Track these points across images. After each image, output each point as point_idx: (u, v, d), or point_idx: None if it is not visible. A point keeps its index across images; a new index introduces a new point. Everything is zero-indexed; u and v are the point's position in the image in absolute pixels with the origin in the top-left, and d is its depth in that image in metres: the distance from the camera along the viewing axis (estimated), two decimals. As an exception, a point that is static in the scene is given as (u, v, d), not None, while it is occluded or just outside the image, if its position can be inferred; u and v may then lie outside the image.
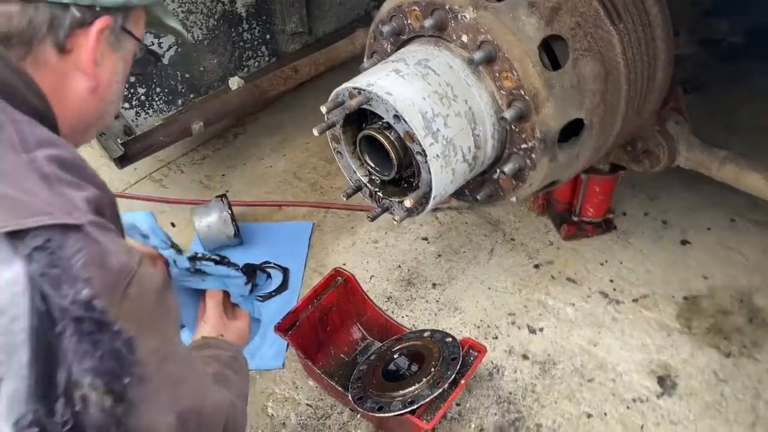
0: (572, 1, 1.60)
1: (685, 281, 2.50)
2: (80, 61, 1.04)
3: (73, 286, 0.79)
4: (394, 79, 1.58)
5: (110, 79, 1.11)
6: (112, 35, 1.07)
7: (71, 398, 0.79)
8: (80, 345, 0.80)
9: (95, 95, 1.09)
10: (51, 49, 1.00)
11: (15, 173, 0.83)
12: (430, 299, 2.45)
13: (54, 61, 1.02)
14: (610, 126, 1.75)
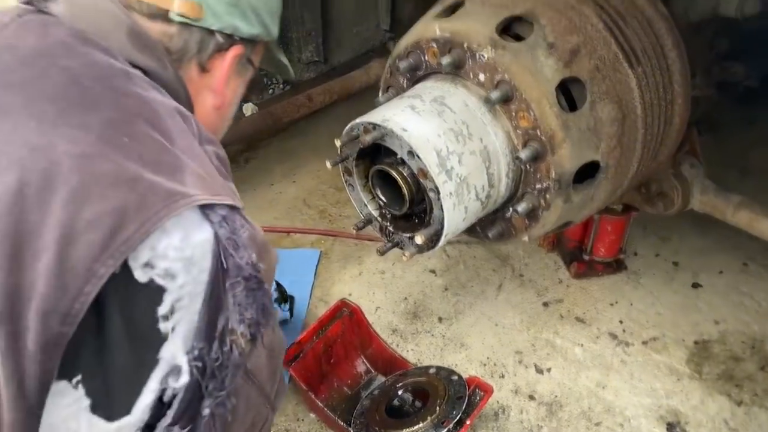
0: (591, 43, 1.60)
1: (695, 325, 2.46)
2: (213, 80, 1.23)
3: (246, 250, 0.97)
4: (409, 116, 1.57)
5: (231, 100, 1.32)
6: (240, 62, 1.26)
7: (224, 341, 0.97)
8: (246, 298, 0.98)
9: (218, 112, 1.29)
10: (195, 67, 1.20)
11: (203, 158, 1.02)
12: (436, 334, 2.42)
13: (195, 77, 1.20)
14: (626, 169, 1.73)
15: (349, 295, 2.54)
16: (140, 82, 1.04)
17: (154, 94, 1.04)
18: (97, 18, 1.08)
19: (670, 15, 1.78)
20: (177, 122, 1.02)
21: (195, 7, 1.14)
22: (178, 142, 0.99)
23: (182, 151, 0.98)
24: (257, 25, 1.25)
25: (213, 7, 1.16)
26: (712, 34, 2.21)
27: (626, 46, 1.65)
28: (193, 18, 1.14)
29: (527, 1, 1.63)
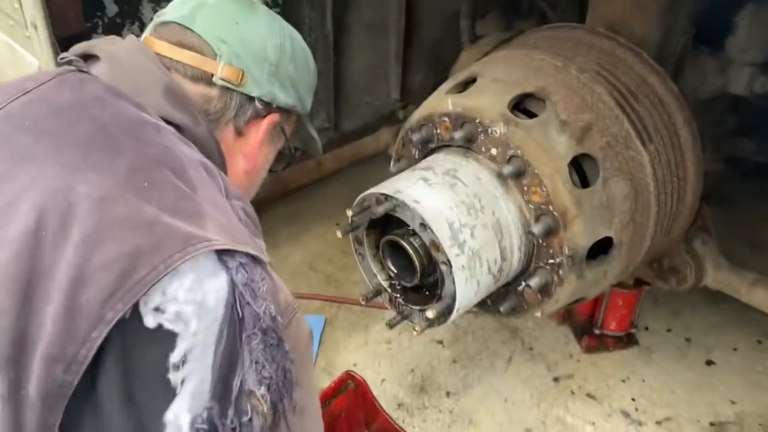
0: (603, 121, 1.61)
1: (711, 405, 2.39)
2: (247, 145, 1.26)
3: (265, 301, 0.93)
4: (422, 188, 1.57)
5: (262, 166, 1.33)
6: (274, 130, 1.29)
7: (241, 405, 0.89)
8: (264, 354, 0.92)
9: (248, 177, 1.30)
10: (232, 129, 1.22)
11: (226, 209, 1.01)
12: (444, 409, 2.34)
13: (231, 140, 1.23)
14: (639, 245, 1.71)
15: (354, 365, 2.48)
16: (169, 135, 1.05)
17: (182, 147, 1.05)
18: (134, 76, 1.11)
19: (680, 93, 1.79)
20: (201, 174, 1.02)
21: (238, 74, 1.18)
22: (201, 191, 0.99)
23: (205, 200, 0.97)
24: (293, 97, 1.29)
25: (254, 74, 1.20)
26: (721, 111, 2.23)
27: (638, 123, 1.66)
28: (234, 83, 1.18)
29: (539, 79, 1.65)
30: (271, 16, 1.28)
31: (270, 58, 1.22)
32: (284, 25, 1.30)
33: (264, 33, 1.23)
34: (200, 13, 1.19)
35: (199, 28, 1.17)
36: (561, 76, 1.66)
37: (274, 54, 1.23)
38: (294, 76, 1.28)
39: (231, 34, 1.18)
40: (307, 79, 1.33)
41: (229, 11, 1.21)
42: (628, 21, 1.91)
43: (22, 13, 1.96)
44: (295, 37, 1.31)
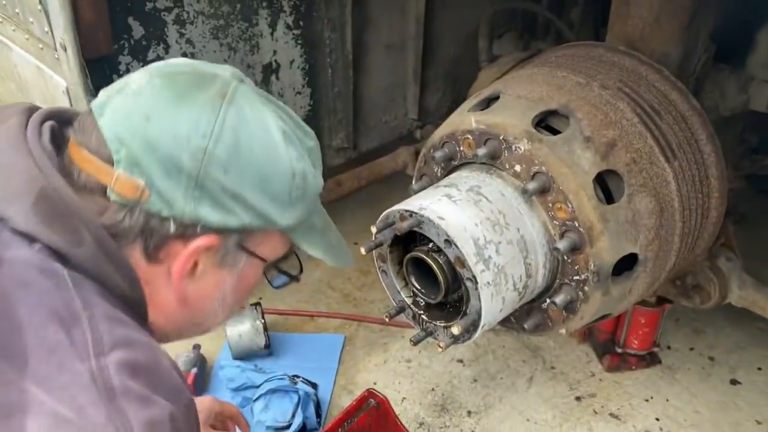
0: (627, 137, 1.62)
1: (736, 425, 2.35)
2: (172, 273, 0.96)
3: None
4: (446, 204, 1.58)
5: (210, 294, 1.02)
6: (218, 254, 0.97)
7: None
8: None
9: (185, 307, 1.02)
10: (140, 254, 0.94)
11: (74, 386, 0.77)
12: (465, 428, 2.32)
13: (143, 266, 0.95)
14: (664, 262, 1.71)
15: (374, 384, 2.47)
16: (20, 272, 0.83)
17: (29, 294, 0.82)
18: (7, 174, 0.89)
19: (702, 109, 1.80)
20: (49, 334, 0.80)
21: (136, 187, 0.89)
22: (37, 366, 0.77)
23: (39, 379, 0.76)
24: (245, 215, 0.94)
25: (162, 188, 0.89)
26: (742, 128, 2.23)
27: (662, 140, 1.66)
28: (131, 200, 0.90)
29: (563, 96, 1.66)
30: (212, 103, 0.91)
31: (186, 166, 0.89)
32: (236, 111, 0.92)
33: (185, 132, 0.89)
34: (114, 101, 0.92)
35: (105, 122, 0.91)
36: (584, 92, 1.67)
37: (192, 161, 0.89)
38: (240, 189, 0.92)
39: (135, 133, 0.89)
40: (267, 187, 0.95)
41: (146, 101, 0.91)
42: (647, 38, 1.92)
43: (52, 35, 2.00)
44: (251, 129, 0.93)
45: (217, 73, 0.97)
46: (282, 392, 2.27)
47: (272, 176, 0.95)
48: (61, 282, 0.85)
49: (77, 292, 0.85)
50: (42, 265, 0.85)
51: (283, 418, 2.20)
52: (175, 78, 0.95)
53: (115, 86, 0.95)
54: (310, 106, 2.80)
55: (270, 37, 2.53)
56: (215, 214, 0.92)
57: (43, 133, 0.95)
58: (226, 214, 0.93)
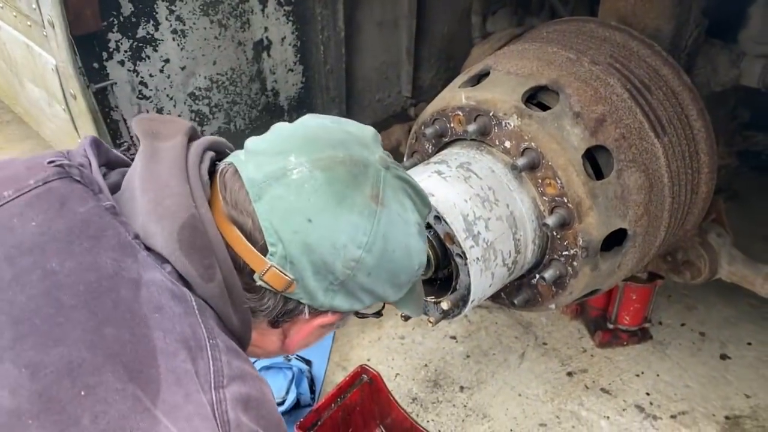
0: (617, 113, 1.61)
1: (726, 399, 2.38)
2: (288, 335, 1.05)
3: None
4: (436, 181, 1.58)
5: (303, 343, 1.09)
6: (328, 327, 1.06)
7: None
8: None
9: (284, 352, 1.11)
10: (265, 323, 1.01)
11: (197, 417, 0.80)
12: (458, 403, 2.35)
13: (263, 327, 1.02)
14: (653, 237, 1.71)
15: (368, 360, 2.50)
16: (156, 295, 0.85)
17: (163, 319, 0.84)
18: (159, 192, 0.90)
19: (693, 85, 1.80)
20: (178, 363, 0.82)
21: (284, 283, 0.92)
22: (167, 395, 0.79)
23: (168, 408, 0.79)
24: (368, 301, 1.01)
25: (309, 286, 0.94)
26: (734, 103, 2.23)
27: (652, 115, 1.66)
28: (278, 291, 0.94)
29: (553, 72, 1.66)
30: (367, 212, 0.93)
31: (337, 272, 0.93)
32: (386, 219, 0.94)
33: (343, 239, 0.91)
34: (274, 190, 0.90)
35: (263, 210, 0.90)
36: (574, 68, 1.67)
37: (344, 269, 0.93)
38: (372, 286, 0.98)
39: (295, 234, 0.90)
40: (395, 279, 1.01)
41: (309, 199, 0.90)
42: (639, 13, 1.91)
43: (40, 12, 1.98)
44: (395, 233, 0.96)
45: (368, 160, 0.97)
46: (276, 369, 2.29)
47: (402, 272, 1.02)
48: (189, 308, 0.87)
49: (202, 320, 0.87)
50: (173, 289, 0.86)
51: (278, 394, 2.22)
52: (334, 172, 0.93)
53: (274, 166, 0.92)
54: (302, 83, 2.78)
55: (261, 14, 2.50)
56: (346, 303, 0.98)
57: (203, 161, 0.96)
58: (354, 302, 0.99)
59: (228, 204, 0.93)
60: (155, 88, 2.30)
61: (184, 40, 2.30)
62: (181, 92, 2.38)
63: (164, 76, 2.30)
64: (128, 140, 2.27)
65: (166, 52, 2.26)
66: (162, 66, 2.28)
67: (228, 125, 2.61)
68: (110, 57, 2.11)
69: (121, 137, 2.25)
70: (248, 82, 2.58)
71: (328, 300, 0.96)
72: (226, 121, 2.59)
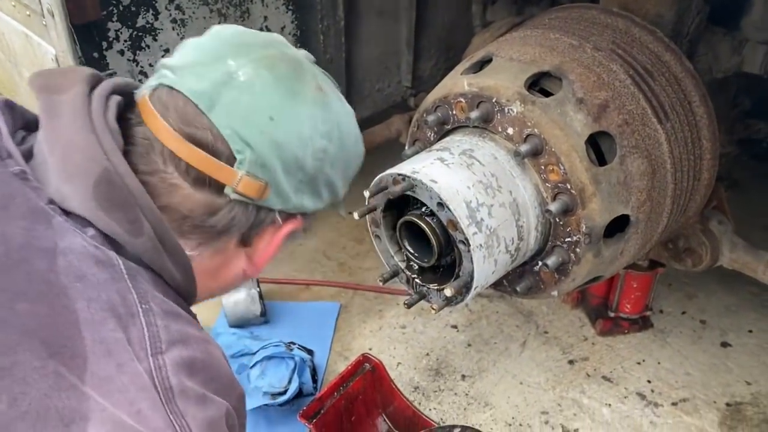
0: (620, 99, 1.61)
1: (726, 386, 2.39)
2: (256, 253, 1.00)
3: None
4: (438, 168, 1.58)
5: (269, 258, 1.05)
6: (293, 234, 1.02)
7: None
8: None
9: (243, 276, 1.05)
10: (235, 240, 0.96)
11: (133, 388, 0.76)
12: (459, 392, 2.36)
13: (231, 249, 0.97)
14: (656, 223, 1.72)
15: (370, 349, 2.50)
16: (75, 263, 0.79)
17: (86, 287, 0.78)
18: (66, 152, 0.84)
19: (695, 71, 1.79)
20: (106, 332, 0.77)
21: (259, 188, 0.89)
22: (96, 367, 0.74)
23: (98, 382, 0.74)
24: (327, 198, 1.00)
25: (281, 187, 0.92)
26: (735, 91, 2.22)
27: (654, 101, 1.66)
28: (253, 198, 0.91)
29: (555, 58, 1.65)
30: (318, 100, 0.93)
31: (308, 166, 0.93)
32: (334, 106, 0.96)
33: (307, 132, 0.91)
34: (225, 95, 0.87)
35: (219, 119, 0.87)
36: (577, 54, 1.67)
37: (314, 161, 0.93)
38: (334, 179, 0.98)
39: (262, 134, 0.88)
40: (348, 172, 1.02)
41: (265, 97, 0.89)
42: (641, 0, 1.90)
43: (39, 1, 1.97)
44: (344, 123, 0.97)
45: (297, 56, 0.97)
46: (278, 359, 2.29)
47: (353, 161, 1.02)
48: (116, 273, 0.81)
49: (133, 284, 0.82)
50: (97, 255, 0.81)
51: (280, 384, 2.23)
52: (278, 69, 0.92)
53: (215, 74, 0.88)
54: (302, 73, 2.77)
55: (260, 3, 2.49)
56: (312, 202, 0.97)
57: (109, 108, 0.89)
58: (318, 200, 0.98)
59: (177, 124, 0.87)
60: (155, 78, 2.29)
61: (184, 29, 2.29)
62: (181, 82, 2.37)
63: (164, 66, 2.29)
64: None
65: (165, 42, 2.25)
66: (162, 55, 2.27)
67: (228, 115, 2.60)
68: (110, 46, 2.10)
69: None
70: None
71: (299, 200, 0.95)
72: (226, 111, 2.58)
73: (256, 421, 2.21)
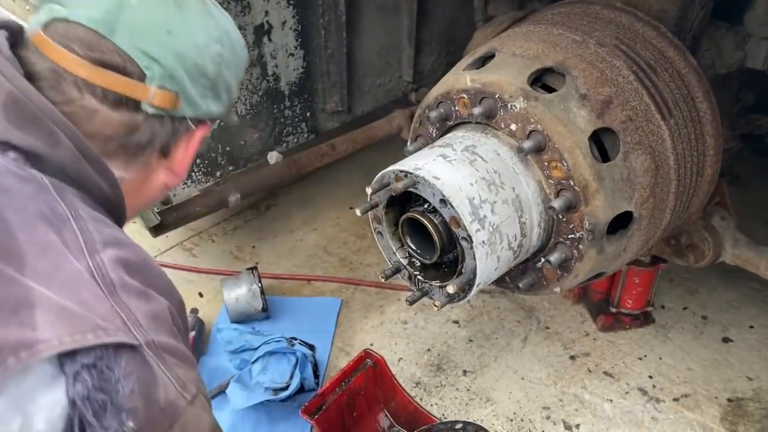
0: (623, 95, 1.60)
1: (728, 381, 2.39)
2: (174, 163, 1.08)
3: (117, 416, 0.73)
4: (441, 164, 1.57)
5: (187, 165, 1.13)
6: (204, 140, 1.12)
7: None
8: None
9: (168, 188, 1.14)
10: (156, 153, 1.04)
11: (74, 282, 0.77)
12: (461, 387, 2.36)
13: (153, 162, 1.05)
14: (659, 220, 1.71)
15: (371, 345, 2.50)
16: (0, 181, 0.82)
17: (12, 198, 0.80)
18: None
19: (699, 67, 1.78)
20: (39, 235, 0.79)
21: (172, 98, 0.98)
22: (34, 262, 0.76)
23: (38, 277, 0.75)
24: (226, 102, 1.11)
25: (190, 95, 1.01)
26: (738, 86, 2.21)
27: (658, 97, 1.65)
28: (168, 110, 0.98)
29: (558, 54, 1.64)
30: (202, 10, 1.03)
31: (209, 72, 1.03)
32: (216, 14, 1.06)
33: (201, 40, 1.01)
34: (122, 18, 0.93)
35: (123, 41, 0.93)
36: (580, 50, 1.66)
37: (213, 66, 1.03)
38: (230, 80, 1.09)
39: (164, 48, 0.96)
40: (239, 74, 1.15)
41: (158, 14, 0.97)
42: (645, -5, 1.89)
43: (39, -4, 1.96)
44: (229, 29, 1.09)
45: None
46: (280, 354, 2.29)
47: (242, 64, 1.14)
48: (42, 187, 0.84)
49: (60, 195, 0.85)
50: (19, 172, 0.84)
51: (281, 379, 2.23)
52: None
53: (108, 2, 0.93)
54: (303, 68, 2.77)
55: (262, -2, 2.49)
56: (216, 106, 1.07)
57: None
58: (220, 104, 1.09)
59: (83, 52, 0.92)
60: (156, 73, 2.28)
61: (185, 24, 2.27)
62: (182, 77, 2.36)
63: (165, 61, 2.28)
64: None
65: (166, 37, 2.24)
66: (162, 50, 2.26)
67: (229, 110, 2.59)
68: (110, 41, 2.09)
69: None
70: (249, 67, 2.56)
71: (206, 105, 1.04)
72: (227, 107, 2.57)
73: (257, 417, 2.21)
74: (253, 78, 2.61)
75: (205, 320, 2.59)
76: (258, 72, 2.61)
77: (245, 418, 2.21)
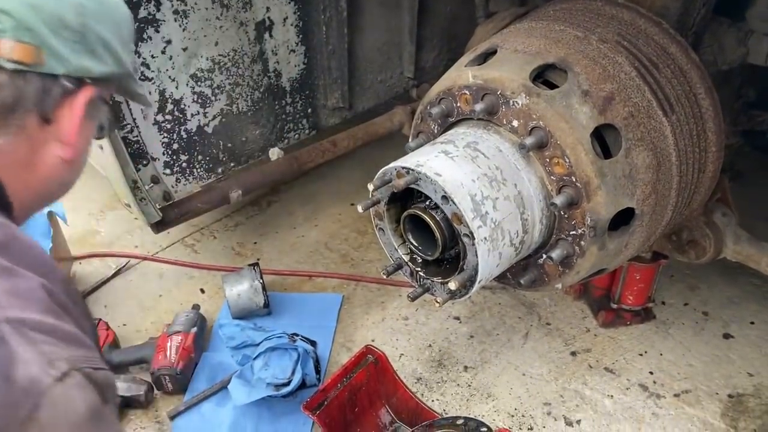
0: (625, 91, 1.60)
1: (729, 377, 2.39)
2: (62, 131, 1.01)
3: None
4: (443, 161, 1.57)
5: (85, 148, 1.08)
6: (93, 105, 1.05)
7: None
8: None
9: (68, 164, 1.05)
10: (34, 119, 0.97)
11: None
12: (462, 383, 2.36)
13: (34, 131, 0.98)
14: (661, 216, 1.71)
15: (372, 341, 2.50)
16: None
17: None
18: None
19: (701, 63, 1.78)
20: None
21: (31, 51, 0.92)
22: None
23: None
24: (110, 62, 1.05)
25: (54, 48, 0.95)
26: (740, 82, 2.21)
27: (660, 93, 1.65)
28: (30, 64, 0.93)
29: (560, 50, 1.64)
30: None
31: (71, 23, 0.97)
32: None
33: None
34: None
35: None
36: (582, 46, 1.66)
37: (76, 17, 0.98)
38: (106, 35, 1.03)
39: (16, 1, 0.92)
40: (122, 33, 1.08)
41: None
42: (647, -9, 1.89)
43: None
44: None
45: None
46: (281, 350, 2.30)
47: (122, 22, 1.09)
48: None
49: None
50: None
51: (283, 375, 2.23)
52: None
53: None
54: (304, 64, 2.76)
55: (263, -6, 2.48)
56: (94, 63, 1.02)
57: None
58: (100, 62, 1.03)
59: None
60: (157, 70, 2.28)
61: (186, 20, 2.28)
62: (183, 73, 2.36)
63: (166, 57, 2.28)
64: (131, 122, 2.26)
65: (167, 33, 2.24)
66: (164, 47, 2.26)
67: (230, 107, 2.59)
68: (112, 37, 2.09)
69: (123, 119, 2.23)
70: (250, 63, 2.56)
71: (78, 61, 0.98)
72: (228, 103, 2.58)
73: (259, 413, 2.22)
74: (255, 74, 2.61)
75: (206, 316, 2.60)
76: (259, 68, 2.61)
77: (247, 414, 2.21)
